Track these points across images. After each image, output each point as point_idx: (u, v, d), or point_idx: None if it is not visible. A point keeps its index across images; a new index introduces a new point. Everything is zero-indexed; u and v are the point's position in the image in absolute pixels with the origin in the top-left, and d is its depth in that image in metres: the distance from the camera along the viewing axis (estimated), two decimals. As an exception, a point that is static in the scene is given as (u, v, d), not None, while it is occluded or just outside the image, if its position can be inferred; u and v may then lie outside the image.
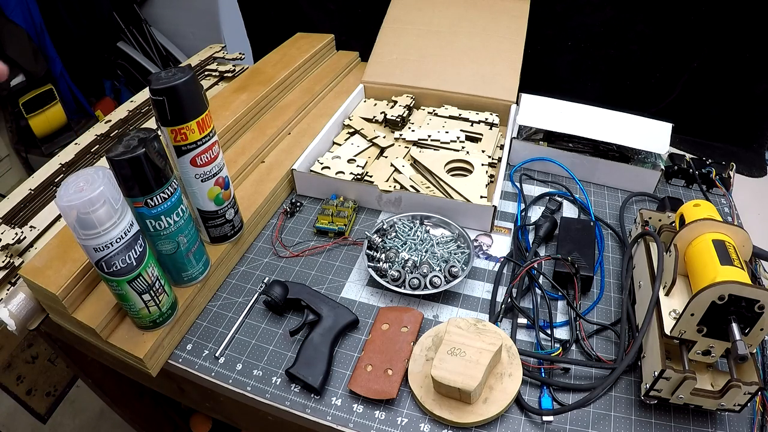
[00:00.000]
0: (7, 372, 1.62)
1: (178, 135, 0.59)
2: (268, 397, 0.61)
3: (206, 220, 0.69)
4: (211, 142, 0.62)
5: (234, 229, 0.73)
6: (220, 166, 0.65)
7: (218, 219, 0.69)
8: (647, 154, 0.91)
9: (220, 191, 0.66)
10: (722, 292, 0.49)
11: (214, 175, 0.64)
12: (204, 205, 0.67)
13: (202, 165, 0.62)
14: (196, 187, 0.64)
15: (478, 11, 1.10)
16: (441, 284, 0.69)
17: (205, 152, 0.62)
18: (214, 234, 0.71)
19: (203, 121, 0.60)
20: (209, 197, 0.66)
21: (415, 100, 1.05)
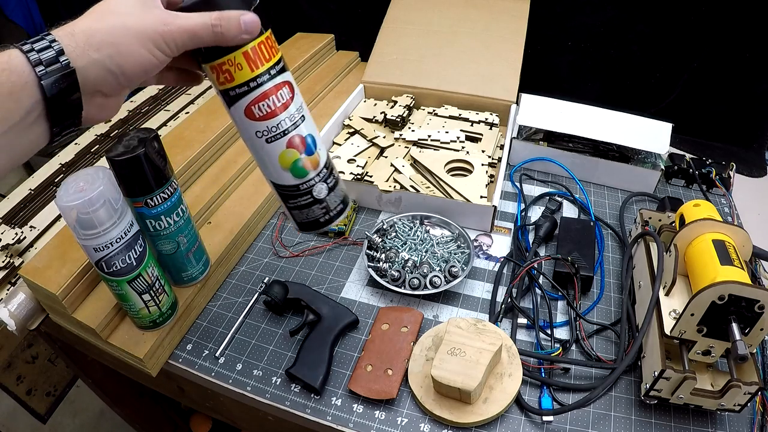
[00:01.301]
0: (7, 372, 1.62)
1: (221, 74, 0.41)
2: (268, 397, 0.61)
3: (285, 198, 0.48)
4: (276, 82, 0.43)
5: (329, 214, 0.49)
6: (295, 119, 0.44)
7: (301, 198, 0.47)
8: (647, 154, 0.91)
9: (299, 157, 0.45)
10: (722, 292, 0.49)
11: (285, 132, 0.44)
12: (277, 177, 0.46)
13: (263, 117, 0.43)
14: (261, 151, 0.45)
15: (478, 11, 1.10)
16: (441, 284, 0.69)
17: (266, 97, 0.42)
18: (300, 219, 0.49)
19: (256, 51, 0.41)
20: (282, 166, 0.45)
21: (415, 100, 1.04)
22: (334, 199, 0.49)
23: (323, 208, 0.48)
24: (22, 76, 0.31)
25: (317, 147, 0.46)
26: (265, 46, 0.42)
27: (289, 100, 0.44)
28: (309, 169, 0.46)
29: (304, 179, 0.46)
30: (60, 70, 0.32)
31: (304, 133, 0.45)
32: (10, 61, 0.31)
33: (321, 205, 0.48)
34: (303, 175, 0.46)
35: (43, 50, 0.32)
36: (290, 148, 0.44)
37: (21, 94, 0.31)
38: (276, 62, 0.43)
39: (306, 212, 0.48)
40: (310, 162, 0.46)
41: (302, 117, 0.45)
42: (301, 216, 0.49)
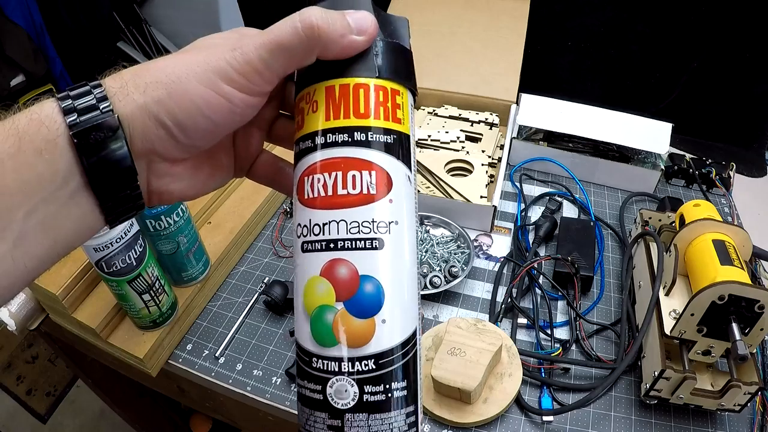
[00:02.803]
0: (7, 372, 1.62)
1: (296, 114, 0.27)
2: (268, 397, 0.61)
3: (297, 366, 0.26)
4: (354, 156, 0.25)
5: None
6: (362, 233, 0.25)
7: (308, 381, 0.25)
8: (647, 154, 0.91)
9: (332, 305, 0.24)
10: (722, 292, 0.49)
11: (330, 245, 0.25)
12: (296, 318, 0.26)
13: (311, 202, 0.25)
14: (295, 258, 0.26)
15: (478, 11, 1.10)
16: (441, 284, 0.69)
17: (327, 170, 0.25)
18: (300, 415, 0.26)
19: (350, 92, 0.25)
20: (305, 303, 0.25)
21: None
22: (360, 429, 0.24)
23: (332, 429, 0.24)
24: (52, 128, 0.22)
25: (381, 313, 0.24)
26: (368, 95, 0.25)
27: (367, 196, 0.25)
28: (339, 339, 0.24)
29: (323, 351, 0.24)
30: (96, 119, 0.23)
31: (365, 269, 0.24)
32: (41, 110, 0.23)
33: (332, 420, 0.24)
34: (325, 342, 0.24)
35: (81, 96, 0.23)
36: (325, 278, 0.24)
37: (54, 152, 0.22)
38: (380, 128, 0.25)
39: (306, 415, 0.25)
40: (349, 329, 0.24)
41: (378, 242, 0.24)
42: (300, 415, 0.26)
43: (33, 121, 0.22)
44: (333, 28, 0.24)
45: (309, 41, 0.24)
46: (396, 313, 0.24)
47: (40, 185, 0.22)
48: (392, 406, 0.24)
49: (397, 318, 0.24)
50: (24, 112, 0.23)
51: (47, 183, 0.22)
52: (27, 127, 0.22)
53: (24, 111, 0.23)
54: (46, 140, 0.22)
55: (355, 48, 0.25)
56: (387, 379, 0.24)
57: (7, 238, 0.22)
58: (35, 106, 0.23)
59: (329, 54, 0.25)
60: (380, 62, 0.26)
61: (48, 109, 0.23)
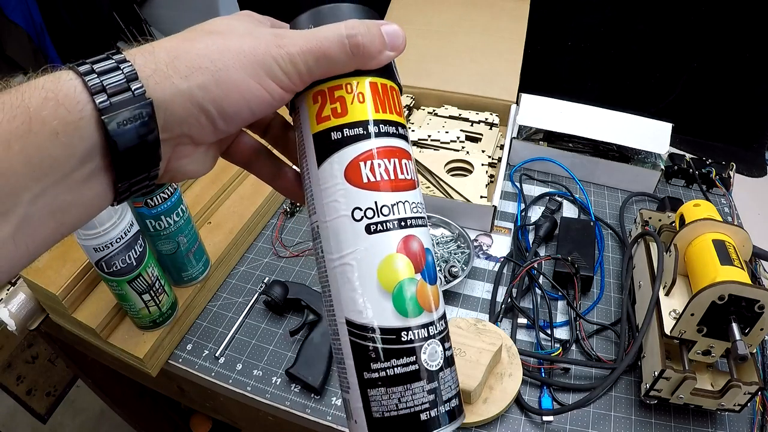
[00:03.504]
0: (7, 372, 1.62)
1: (327, 104, 0.27)
2: (268, 397, 0.61)
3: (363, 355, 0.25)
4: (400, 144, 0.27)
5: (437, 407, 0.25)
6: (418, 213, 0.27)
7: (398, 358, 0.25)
8: (647, 154, 0.91)
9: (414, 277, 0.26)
10: (722, 292, 0.49)
11: (402, 223, 0.26)
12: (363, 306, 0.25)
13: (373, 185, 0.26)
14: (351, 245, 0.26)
15: (478, 11, 1.10)
16: (441, 284, 0.69)
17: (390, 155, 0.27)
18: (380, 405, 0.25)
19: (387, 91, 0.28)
20: (382, 282, 0.25)
21: (415, 100, 1.04)
22: (449, 383, 0.26)
23: (432, 392, 0.25)
24: (74, 110, 0.21)
25: (437, 278, 0.28)
26: (397, 96, 0.29)
27: (414, 181, 0.28)
28: (423, 307, 0.26)
29: (412, 322, 0.25)
30: (131, 102, 0.21)
31: (426, 242, 0.27)
32: (58, 88, 0.21)
33: (430, 384, 0.25)
34: (412, 312, 0.25)
35: (108, 72, 0.22)
36: (404, 254, 0.26)
37: (72, 136, 0.21)
38: (405, 126, 0.29)
39: (397, 395, 0.25)
40: (428, 295, 0.26)
41: (425, 219, 0.28)
42: (385, 402, 0.25)
43: (48, 100, 0.20)
44: (373, 46, 0.26)
45: (354, 57, 0.26)
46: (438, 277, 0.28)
47: (51, 168, 0.21)
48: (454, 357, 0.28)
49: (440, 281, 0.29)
50: (34, 85, 0.21)
51: (60, 166, 0.21)
52: (40, 106, 0.20)
53: (34, 84, 0.21)
54: (64, 122, 0.21)
55: (387, 61, 0.28)
56: (448, 334, 0.28)
57: (10, 221, 0.21)
58: (49, 81, 0.21)
59: (365, 66, 0.27)
60: (395, 67, 0.30)
61: (67, 87, 0.21)
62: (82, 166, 0.22)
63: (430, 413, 0.25)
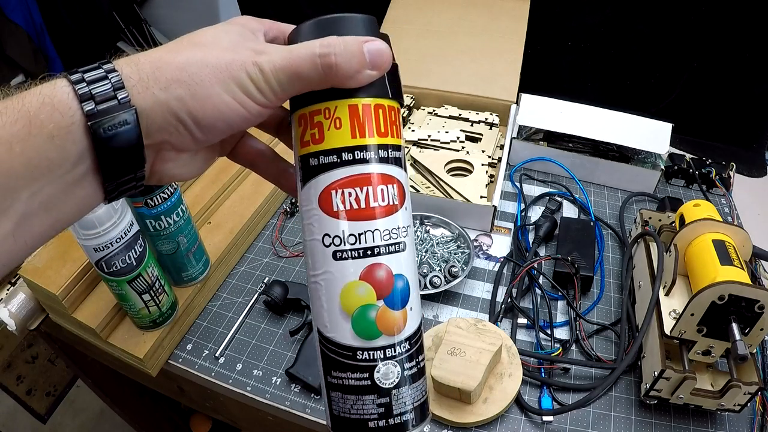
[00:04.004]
0: (7, 372, 1.62)
1: (308, 128, 0.28)
2: (268, 397, 0.61)
3: (329, 363, 0.29)
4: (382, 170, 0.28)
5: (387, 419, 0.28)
6: (390, 240, 0.28)
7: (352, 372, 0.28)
8: (647, 154, 0.91)
9: (374, 303, 0.28)
10: (722, 292, 0.49)
11: (368, 252, 0.27)
12: (329, 323, 0.28)
13: (344, 213, 0.27)
14: (321, 266, 0.28)
15: (478, 11, 1.10)
16: (441, 284, 0.69)
17: (360, 183, 0.27)
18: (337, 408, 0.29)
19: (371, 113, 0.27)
20: (343, 305, 0.28)
21: (415, 100, 1.04)
22: (405, 400, 0.28)
23: (381, 406, 0.28)
24: (66, 115, 0.23)
25: (409, 303, 0.28)
26: (386, 114, 0.28)
27: (393, 207, 0.28)
28: (382, 331, 0.28)
29: (369, 344, 0.28)
30: (116, 110, 0.23)
31: (396, 269, 0.28)
32: (53, 94, 0.23)
33: (380, 399, 0.28)
34: (370, 335, 0.27)
35: (97, 81, 0.23)
36: (366, 281, 0.27)
37: (65, 139, 0.23)
38: (394, 145, 0.28)
39: (352, 402, 0.28)
40: (390, 320, 0.28)
41: (402, 245, 0.28)
42: (341, 404, 0.28)
43: (45, 105, 0.22)
44: (349, 65, 0.26)
45: (326, 76, 0.26)
46: (415, 300, 0.29)
47: (48, 169, 0.23)
48: (421, 373, 0.29)
49: (417, 303, 0.29)
50: (33, 92, 0.23)
51: (56, 167, 0.23)
52: (38, 110, 0.22)
53: (33, 91, 0.23)
54: (59, 126, 0.22)
55: (368, 81, 0.27)
56: (417, 354, 0.29)
57: (11, 217, 0.23)
58: (46, 88, 0.23)
59: (342, 86, 0.26)
60: (389, 82, 0.28)
61: (61, 93, 0.23)
62: (74, 167, 0.23)
63: (378, 423, 0.28)
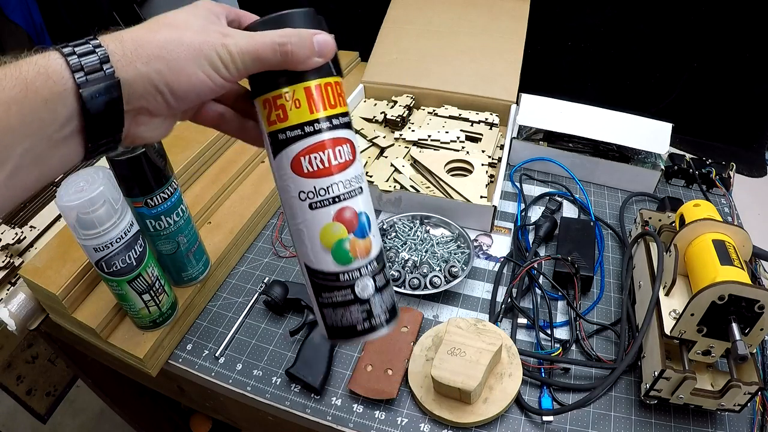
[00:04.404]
0: (7, 372, 1.62)
1: (273, 110, 0.34)
2: (268, 397, 0.61)
3: (318, 289, 0.36)
4: (337, 135, 0.34)
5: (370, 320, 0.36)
6: (350, 187, 0.35)
7: (339, 291, 0.36)
8: (647, 154, 0.91)
9: (347, 237, 0.35)
10: (722, 292, 0.49)
11: (336, 199, 0.34)
12: (314, 258, 0.35)
13: (313, 173, 0.34)
14: (299, 217, 0.35)
15: (478, 11, 1.10)
16: (441, 284, 0.69)
17: (322, 149, 0.34)
18: (331, 320, 0.37)
19: (322, 90, 0.34)
20: (323, 243, 0.35)
21: (415, 100, 1.04)
22: (380, 304, 0.37)
23: (364, 312, 0.36)
24: (59, 83, 0.27)
25: (371, 230, 0.36)
26: (332, 89, 0.35)
27: (348, 161, 0.35)
28: (356, 256, 0.35)
29: (348, 267, 0.35)
30: (103, 80, 0.27)
31: (358, 208, 0.35)
32: (48, 64, 0.27)
33: (362, 306, 0.36)
34: (347, 261, 0.35)
35: (86, 55, 0.27)
36: (338, 221, 0.34)
37: (57, 103, 0.27)
38: (342, 113, 0.35)
39: (341, 313, 0.36)
40: (360, 247, 0.35)
41: (360, 189, 0.36)
42: (333, 317, 0.36)
43: (40, 74, 0.26)
44: (302, 53, 0.32)
45: (283, 60, 0.32)
46: (375, 228, 0.37)
47: (40, 128, 0.27)
48: (388, 283, 0.38)
49: (376, 230, 0.37)
50: (29, 62, 0.27)
51: (47, 127, 0.27)
52: (34, 78, 0.26)
53: (29, 61, 0.27)
54: (52, 92, 0.27)
55: (317, 66, 0.33)
56: (382, 269, 0.37)
57: (5, 169, 0.27)
58: (41, 58, 0.27)
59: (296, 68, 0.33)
60: (332, 63, 0.35)
61: (55, 64, 0.27)
62: (62, 128, 0.28)
63: (364, 324, 0.36)
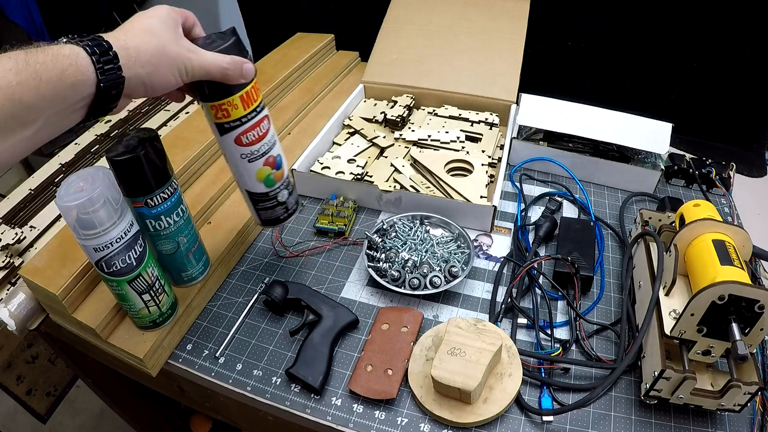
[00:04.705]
0: (7, 372, 1.63)
1: (219, 111, 0.52)
2: (268, 397, 0.61)
3: (256, 202, 0.61)
4: (258, 118, 0.55)
5: (288, 212, 0.64)
6: (270, 144, 0.57)
7: (269, 201, 0.61)
8: (647, 154, 0.91)
9: (271, 172, 0.59)
10: (722, 292, 0.49)
11: (264, 154, 0.57)
12: (252, 187, 0.59)
13: (248, 143, 0.55)
14: (242, 168, 0.57)
15: (478, 11, 1.10)
16: (441, 284, 0.69)
17: (252, 129, 0.54)
18: (265, 216, 0.63)
19: (248, 95, 0.53)
20: (258, 178, 0.58)
21: (415, 100, 1.04)
22: (292, 201, 0.64)
23: (284, 208, 0.63)
24: (85, 74, 0.39)
25: (283, 164, 0.61)
26: (254, 90, 0.53)
27: (267, 131, 0.57)
28: (277, 181, 0.60)
29: (273, 188, 0.61)
30: (116, 77, 0.41)
31: (275, 154, 0.59)
32: (78, 59, 0.38)
33: (282, 206, 0.63)
34: (272, 185, 0.60)
35: (104, 55, 0.40)
36: (266, 165, 0.58)
37: (81, 87, 0.39)
38: (260, 103, 0.55)
39: (271, 212, 0.63)
40: (278, 175, 0.60)
41: (274, 142, 0.59)
42: (266, 214, 0.63)
43: (71, 66, 0.38)
44: (235, 75, 0.50)
45: (222, 78, 0.49)
46: (285, 162, 0.61)
47: (63, 102, 0.39)
48: (293, 189, 0.64)
49: (285, 163, 0.61)
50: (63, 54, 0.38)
51: (68, 100, 0.39)
52: (67, 67, 0.38)
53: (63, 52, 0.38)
54: (77, 79, 0.39)
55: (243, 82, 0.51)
56: (289, 182, 0.63)
57: (34, 127, 0.38)
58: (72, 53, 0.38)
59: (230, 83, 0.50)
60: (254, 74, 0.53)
61: (83, 60, 0.39)
62: (77, 103, 0.40)
63: (282, 216, 0.64)
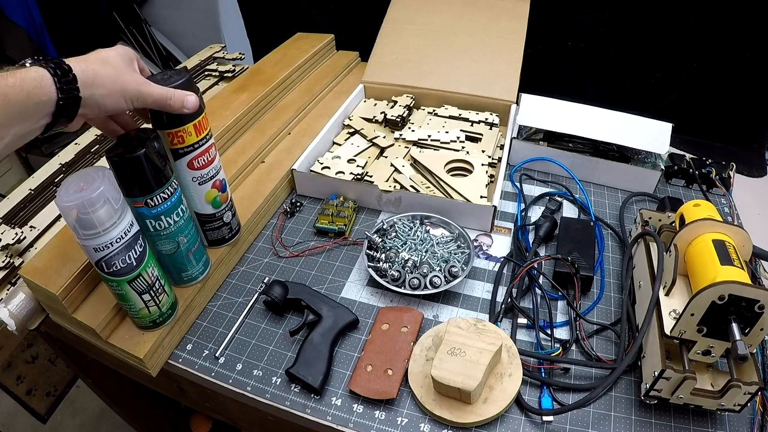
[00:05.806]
0: (7, 372, 1.63)
1: (175, 138, 0.58)
2: (268, 397, 0.61)
3: (203, 223, 0.68)
4: (208, 145, 0.62)
5: (231, 232, 0.72)
6: (217, 169, 0.65)
7: (215, 222, 0.69)
8: (647, 154, 0.91)
9: (218, 194, 0.66)
10: (722, 292, 0.49)
11: (212, 177, 0.64)
12: (202, 208, 0.66)
13: (199, 168, 0.62)
14: (193, 190, 0.64)
15: (478, 11, 1.10)
16: (441, 284, 0.69)
17: (202, 155, 0.61)
18: (212, 237, 0.70)
19: (200, 124, 0.59)
20: (206, 200, 0.65)
21: (415, 100, 1.05)
22: (235, 223, 0.73)
23: (228, 229, 0.72)
24: (48, 94, 0.43)
25: (227, 188, 0.69)
26: (204, 120, 0.60)
27: (215, 157, 0.64)
28: (222, 202, 0.68)
29: (219, 209, 0.68)
30: (73, 97, 0.45)
31: (221, 178, 0.66)
32: (42, 81, 0.43)
33: (227, 226, 0.71)
34: (219, 206, 0.68)
35: (65, 76, 0.44)
36: (213, 188, 0.65)
37: (44, 105, 0.43)
38: (209, 131, 0.62)
39: (217, 232, 0.71)
40: (224, 197, 0.68)
41: (220, 167, 0.66)
42: (212, 235, 0.71)
43: (37, 87, 0.43)
44: (177, 105, 0.54)
45: (165, 106, 0.54)
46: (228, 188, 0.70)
47: (28, 119, 0.43)
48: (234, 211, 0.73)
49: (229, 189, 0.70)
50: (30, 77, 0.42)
51: (33, 118, 0.44)
52: (34, 89, 0.42)
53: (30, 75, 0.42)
54: (41, 99, 0.43)
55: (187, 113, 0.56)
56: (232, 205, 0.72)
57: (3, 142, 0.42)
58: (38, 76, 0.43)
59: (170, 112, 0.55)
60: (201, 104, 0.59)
61: (47, 81, 0.43)
62: (40, 119, 0.44)
63: (227, 236, 0.72)
